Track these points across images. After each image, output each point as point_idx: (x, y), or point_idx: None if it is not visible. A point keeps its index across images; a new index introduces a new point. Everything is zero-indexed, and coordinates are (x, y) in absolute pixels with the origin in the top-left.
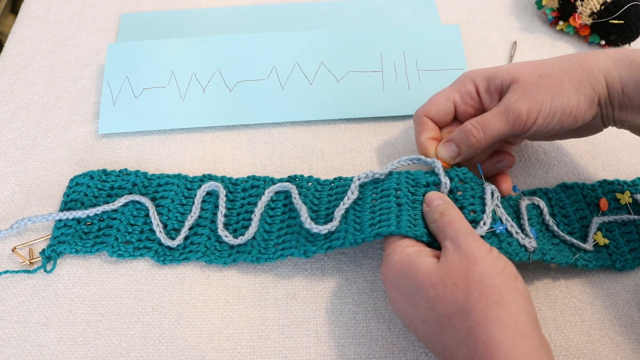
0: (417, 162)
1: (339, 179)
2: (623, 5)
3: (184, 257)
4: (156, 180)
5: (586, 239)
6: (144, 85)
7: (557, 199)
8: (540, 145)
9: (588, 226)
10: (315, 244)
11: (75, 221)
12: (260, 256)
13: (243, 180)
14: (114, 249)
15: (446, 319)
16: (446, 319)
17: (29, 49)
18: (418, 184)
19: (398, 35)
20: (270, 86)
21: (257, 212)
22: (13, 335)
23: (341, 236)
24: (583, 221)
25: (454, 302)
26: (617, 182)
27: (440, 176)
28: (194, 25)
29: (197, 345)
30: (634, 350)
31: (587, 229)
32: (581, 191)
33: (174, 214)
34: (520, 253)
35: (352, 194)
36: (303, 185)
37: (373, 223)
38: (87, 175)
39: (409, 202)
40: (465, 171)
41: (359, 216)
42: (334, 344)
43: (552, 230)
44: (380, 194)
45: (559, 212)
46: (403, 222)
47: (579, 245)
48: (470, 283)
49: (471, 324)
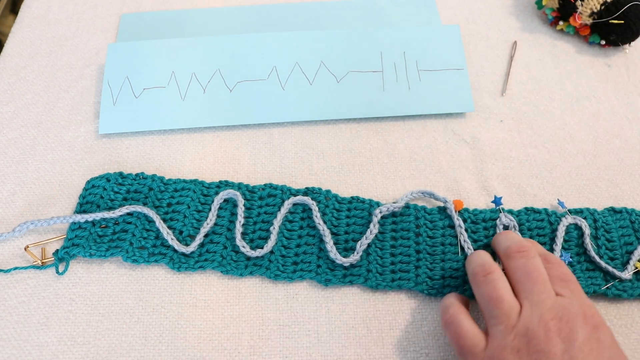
0: (430, 196)
1: (357, 199)
2: (623, 5)
3: (200, 265)
4: (172, 186)
5: (626, 266)
6: (144, 85)
7: (604, 221)
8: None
9: (632, 252)
10: (335, 274)
11: (90, 224)
12: (280, 274)
13: (260, 188)
14: (128, 254)
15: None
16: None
17: (29, 49)
18: (436, 227)
19: (398, 35)
20: (270, 86)
21: (275, 225)
22: (13, 335)
23: (363, 274)
24: (627, 247)
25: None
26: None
27: (454, 218)
28: (194, 25)
29: (198, 345)
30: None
31: (630, 256)
32: (629, 216)
33: (189, 220)
34: None
35: (374, 228)
36: (321, 200)
37: (394, 270)
38: (103, 178)
39: (427, 247)
40: (477, 212)
41: (381, 255)
42: (334, 344)
43: (589, 255)
44: (400, 233)
45: (603, 235)
46: (421, 278)
47: (614, 274)
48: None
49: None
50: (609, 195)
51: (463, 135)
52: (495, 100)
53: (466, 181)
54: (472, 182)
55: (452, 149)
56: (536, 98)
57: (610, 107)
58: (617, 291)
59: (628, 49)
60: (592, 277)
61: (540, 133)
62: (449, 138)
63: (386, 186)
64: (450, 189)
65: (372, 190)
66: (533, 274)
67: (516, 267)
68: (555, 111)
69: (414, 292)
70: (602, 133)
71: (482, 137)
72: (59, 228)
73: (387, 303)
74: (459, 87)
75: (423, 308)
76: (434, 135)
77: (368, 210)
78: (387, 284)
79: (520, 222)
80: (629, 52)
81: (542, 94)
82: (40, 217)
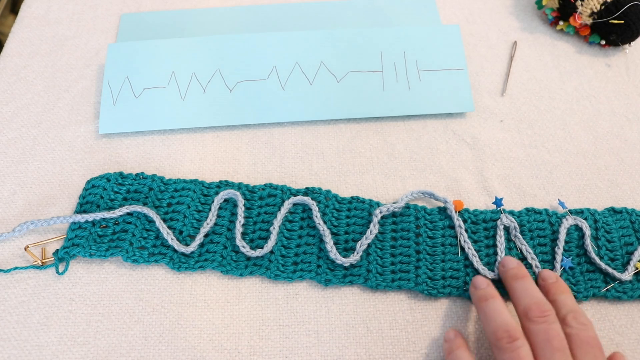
0: (430, 196)
1: (357, 199)
2: (623, 5)
3: (200, 265)
4: (172, 186)
5: (627, 266)
6: (144, 85)
7: (604, 222)
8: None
9: (632, 253)
10: (335, 274)
11: (90, 224)
12: (280, 274)
13: (260, 188)
14: (128, 254)
15: None
16: None
17: (29, 49)
18: (436, 227)
19: (398, 35)
20: (270, 86)
21: (275, 225)
22: (13, 335)
23: (363, 274)
24: (628, 248)
25: None
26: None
27: (454, 219)
28: (194, 25)
29: (198, 345)
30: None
31: (631, 257)
32: (630, 217)
33: (189, 220)
34: None
35: (374, 228)
36: (321, 200)
37: (394, 270)
38: (103, 178)
39: (428, 247)
40: (478, 212)
41: (381, 255)
42: (334, 344)
43: (590, 257)
44: (400, 233)
45: (603, 236)
46: (421, 278)
47: (614, 275)
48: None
49: None
50: (609, 196)
51: (463, 135)
52: (495, 100)
53: (466, 181)
54: (472, 182)
55: (452, 149)
56: (536, 98)
57: (610, 107)
58: (617, 293)
59: (628, 49)
60: (592, 279)
61: (541, 133)
62: (449, 138)
63: (386, 186)
64: (450, 189)
65: (372, 190)
66: (554, 341)
67: (537, 332)
68: (555, 111)
69: (414, 292)
70: (602, 133)
71: (482, 137)
72: (59, 228)
73: (387, 303)
74: (459, 87)
75: (423, 308)
76: (434, 135)
77: (368, 211)
78: (387, 284)
79: (521, 223)
80: (629, 52)
81: (542, 94)
82: (40, 217)
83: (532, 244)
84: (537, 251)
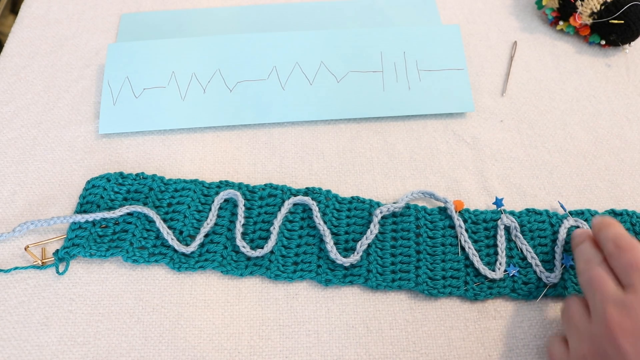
0: (430, 197)
1: (357, 199)
2: (623, 5)
3: (200, 265)
4: (173, 186)
5: None
6: (144, 85)
7: None
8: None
9: None
10: (335, 274)
11: (90, 224)
12: (280, 274)
13: (260, 188)
14: (128, 254)
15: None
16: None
17: (29, 49)
18: (436, 227)
19: (398, 35)
20: (270, 86)
21: (275, 225)
22: (13, 335)
23: (363, 274)
24: None
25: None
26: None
27: (454, 219)
28: (194, 25)
29: (198, 345)
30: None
31: None
32: (630, 219)
33: (189, 220)
34: (535, 292)
35: (374, 228)
36: (321, 200)
37: (394, 270)
38: (103, 178)
39: (428, 247)
40: (478, 212)
41: (381, 255)
42: (334, 344)
43: None
44: (401, 233)
45: None
46: (421, 278)
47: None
48: None
49: None
50: (609, 196)
51: (463, 135)
52: (495, 100)
53: (466, 181)
54: (472, 183)
55: (452, 149)
56: (536, 98)
57: (610, 107)
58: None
59: (628, 49)
60: None
61: (541, 133)
62: (449, 138)
63: (386, 186)
64: (451, 189)
65: (372, 190)
66: None
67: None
68: (555, 111)
69: (414, 292)
70: (602, 133)
71: (482, 137)
72: (59, 228)
73: (387, 303)
74: (459, 87)
75: (423, 308)
76: (434, 135)
77: (368, 211)
78: (387, 284)
79: (522, 224)
80: (629, 52)
81: (542, 94)
82: (40, 217)
83: (532, 244)
84: (538, 251)
